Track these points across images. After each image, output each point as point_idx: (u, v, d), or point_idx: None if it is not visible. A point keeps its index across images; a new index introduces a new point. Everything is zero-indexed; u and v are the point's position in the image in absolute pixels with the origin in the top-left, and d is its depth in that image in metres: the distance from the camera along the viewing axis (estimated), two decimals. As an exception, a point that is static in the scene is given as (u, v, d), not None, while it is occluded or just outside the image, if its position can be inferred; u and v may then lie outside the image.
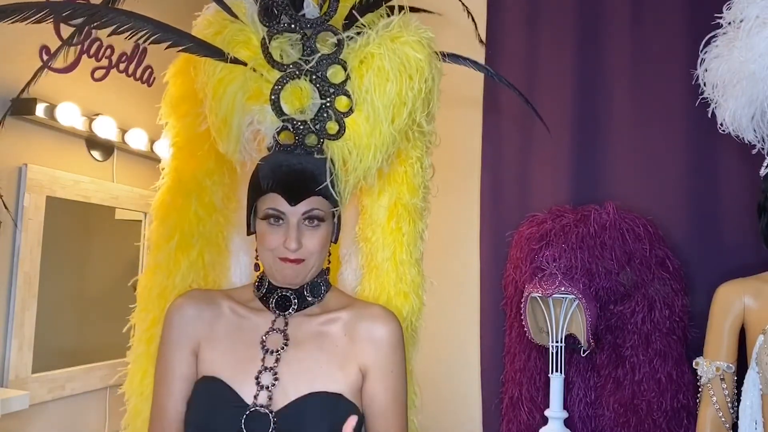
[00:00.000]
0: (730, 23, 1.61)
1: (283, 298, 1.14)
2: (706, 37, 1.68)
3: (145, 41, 1.00)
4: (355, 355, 1.11)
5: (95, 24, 0.95)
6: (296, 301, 1.14)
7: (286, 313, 1.14)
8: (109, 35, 0.97)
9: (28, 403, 1.62)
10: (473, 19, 1.41)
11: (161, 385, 1.13)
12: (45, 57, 1.82)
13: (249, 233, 1.15)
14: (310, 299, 1.15)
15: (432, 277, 1.37)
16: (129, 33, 0.98)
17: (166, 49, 1.03)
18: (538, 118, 1.49)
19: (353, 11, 1.12)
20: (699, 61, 1.69)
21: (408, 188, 1.25)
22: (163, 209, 1.25)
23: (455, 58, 1.27)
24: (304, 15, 1.11)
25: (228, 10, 1.12)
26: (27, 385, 1.74)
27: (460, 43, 2.00)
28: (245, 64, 1.08)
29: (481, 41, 1.36)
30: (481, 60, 2.38)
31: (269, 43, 1.09)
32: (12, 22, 0.92)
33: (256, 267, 1.17)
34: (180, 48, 1.05)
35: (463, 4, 1.39)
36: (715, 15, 1.64)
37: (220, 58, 1.07)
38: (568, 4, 2.28)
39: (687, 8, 2.07)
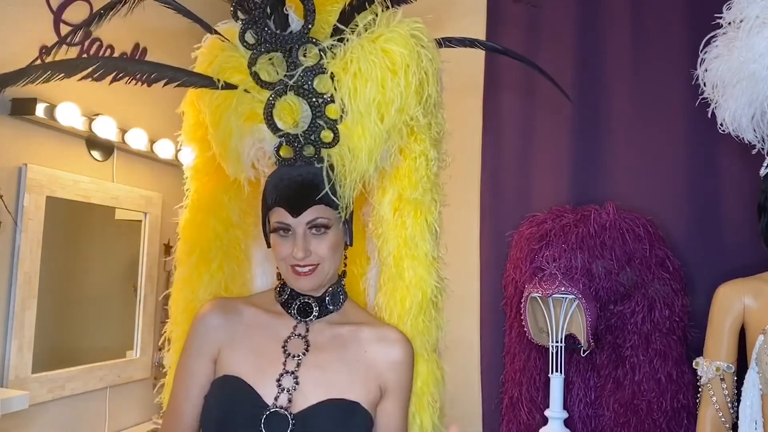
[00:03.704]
0: (730, 23, 1.61)
1: (305, 305, 1.18)
2: (706, 37, 1.68)
3: (143, 83, 1.06)
4: (376, 373, 1.15)
5: (95, 76, 1.03)
6: (317, 308, 1.18)
7: (307, 319, 1.17)
8: (111, 83, 1.04)
9: (28, 403, 1.62)
10: None
11: (180, 388, 1.17)
12: (45, 57, 1.82)
13: (268, 246, 1.18)
14: (330, 307, 1.19)
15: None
16: (127, 79, 1.04)
17: (164, 86, 1.08)
18: (556, 86, 1.45)
19: (337, 24, 1.13)
20: (699, 61, 1.69)
21: (409, 182, 1.24)
22: (185, 227, 1.31)
23: (462, 41, 1.27)
24: (291, 32, 1.13)
25: (219, 35, 1.16)
26: (27, 385, 1.74)
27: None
28: (236, 88, 1.12)
29: None
30: (482, 61, 2.38)
31: (255, 64, 1.12)
32: (23, 85, 1.01)
33: (279, 276, 1.21)
34: (176, 83, 1.09)
35: None
36: (715, 15, 1.64)
37: (213, 87, 1.11)
38: (568, 4, 2.28)
39: (687, 8, 2.07)
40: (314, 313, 1.17)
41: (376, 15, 1.14)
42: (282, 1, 1.12)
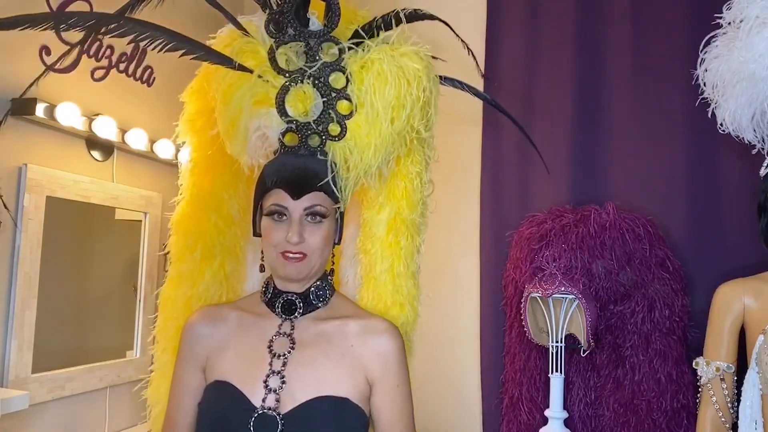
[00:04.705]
0: (730, 23, 1.61)
1: (289, 302, 1.17)
2: (706, 37, 1.68)
3: (161, 50, 1.05)
4: (363, 366, 1.14)
5: (115, 33, 1.00)
6: (301, 305, 1.17)
7: (292, 316, 1.17)
8: (128, 44, 1.02)
9: (28, 403, 1.61)
10: (473, 56, 1.47)
11: (173, 398, 1.19)
12: (45, 57, 1.81)
13: (255, 234, 1.19)
14: (315, 303, 1.18)
15: (432, 278, 1.39)
16: (146, 42, 1.04)
17: (180, 57, 1.08)
18: (536, 150, 1.53)
19: (359, 29, 1.18)
20: (699, 61, 1.69)
21: (407, 204, 1.29)
22: (183, 222, 1.31)
23: (453, 81, 1.34)
24: (308, 28, 1.17)
25: (238, 25, 1.19)
26: (27, 385, 1.74)
27: (458, 45, 2.01)
28: (252, 71, 1.14)
29: (482, 75, 1.39)
30: (481, 60, 2.38)
31: (277, 50, 1.15)
32: (42, 30, 0.96)
33: (261, 268, 1.21)
34: (193, 56, 1.10)
35: (464, 43, 1.44)
36: (715, 15, 1.64)
37: (230, 65, 1.13)
38: (568, 4, 2.28)
39: (687, 8, 2.07)
40: (299, 310, 1.17)
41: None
42: (306, 3, 1.16)
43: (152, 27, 1.03)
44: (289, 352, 1.13)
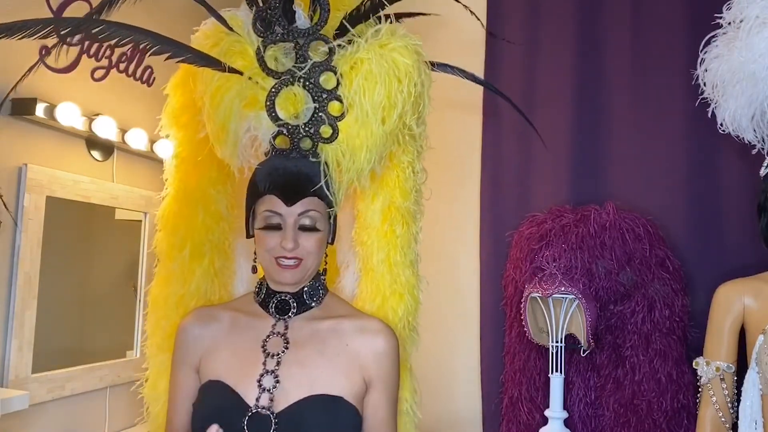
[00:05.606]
0: (730, 23, 1.61)
1: (283, 303, 1.17)
2: (706, 37, 1.68)
3: (146, 53, 1.04)
4: (360, 365, 1.14)
5: (99, 38, 0.99)
6: (295, 305, 1.17)
7: (286, 316, 1.17)
8: (114, 46, 1.00)
9: (28, 403, 1.61)
10: (477, 17, 1.43)
11: (171, 401, 1.19)
12: (45, 57, 1.81)
13: (248, 236, 1.18)
14: (309, 303, 1.18)
15: (432, 277, 1.38)
16: (131, 45, 1.03)
17: (165, 60, 1.06)
18: (532, 128, 1.51)
19: (344, 21, 1.16)
20: (699, 61, 1.69)
21: (400, 192, 1.28)
22: (170, 219, 1.29)
23: (445, 67, 1.30)
24: (296, 26, 1.15)
25: (224, 22, 1.17)
26: (27, 385, 1.74)
27: (458, 44, 2.02)
28: (241, 73, 1.13)
29: (490, 33, 1.34)
30: (481, 60, 2.38)
31: (264, 52, 1.13)
32: (20, 38, 0.95)
33: (254, 269, 1.21)
34: (179, 59, 1.08)
35: (465, 6, 1.41)
36: (715, 15, 1.64)
37: (218, 67, 1.11)
38: (568, 4, 2.28)
39: (687, 8, 2.07)
40: (293, 310, 1.17)
41: (379, 19, 1.17)
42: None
43: (136, 30, 1.02)
44: (283, 352, 1.13)
